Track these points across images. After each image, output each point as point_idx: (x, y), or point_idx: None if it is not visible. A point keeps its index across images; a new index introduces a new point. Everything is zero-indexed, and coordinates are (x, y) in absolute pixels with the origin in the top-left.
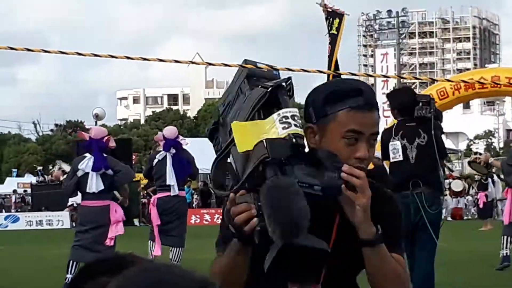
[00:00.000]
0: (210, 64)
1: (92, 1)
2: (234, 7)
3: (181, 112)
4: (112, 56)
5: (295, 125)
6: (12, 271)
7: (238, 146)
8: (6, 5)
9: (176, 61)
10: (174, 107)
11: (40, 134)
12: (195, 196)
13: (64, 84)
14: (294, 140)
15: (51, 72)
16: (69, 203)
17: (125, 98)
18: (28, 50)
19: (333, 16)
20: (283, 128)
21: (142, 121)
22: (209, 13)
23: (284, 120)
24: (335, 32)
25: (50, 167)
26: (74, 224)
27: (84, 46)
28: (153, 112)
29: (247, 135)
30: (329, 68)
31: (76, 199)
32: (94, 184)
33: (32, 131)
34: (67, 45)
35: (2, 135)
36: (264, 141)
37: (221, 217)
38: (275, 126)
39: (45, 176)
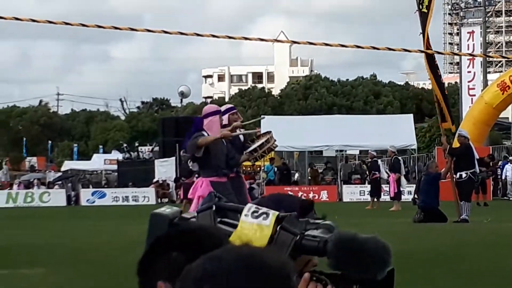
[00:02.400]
0: (294, 42)
1: None
2: None
3: (266, 90)
4: (198, 34)
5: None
6: (100, 245)
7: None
8: None
9: (261, 39)
10: (259, 85)
11: (127, 111)
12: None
13: (153, 61)
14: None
15: (142, 50)
16: (155, 180)
17: (210, 76)
18: (116, 28)
19: None
20: (264, 219)
21: (227, 99)
22: None
23: (255, 214)
24: (426, 11)
25: (136, 144)
26: (160, 200)
27: (176, 25)
28: (239, 89)
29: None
30: (424, 47)
31: (162, 176)
32: None
33: (119, 108)
34: (159, 24)
35: (90, 112)
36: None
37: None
38: (254, 224)
39: (131, 153)
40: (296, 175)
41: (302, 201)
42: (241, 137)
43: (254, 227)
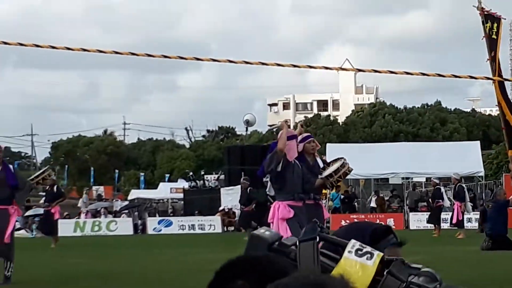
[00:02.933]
0: (359, 70)
1: (251, 10)
2: (393, 13)
3: (331, 118)
4: (263, 63)
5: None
6: (166, 273)
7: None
8: (171, 17)
9: (326, 68)
10: (324, 113)
11: (193, 140)
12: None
13: (218, 90)
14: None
15: (208, 78)
16: (221, 208)
17: (275, 104)
18: (181, 58)
19: (491, 20)
20: (367, 259)
21: (292, 127)
22: (367, 20)
23: (359, 252)
24: (495, 37)
25: (202, 173)
26: (225, 229)
27: (242, 53)
28: (305, 117)
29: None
30: (493, 74)
31: (228, 204)
32: None
33: (184, 137)
34: (226, 52)
35: (156, 141)
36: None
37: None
38: (357, 262)
39: (197, 182)
40: (364, 202)
41: (381, 227)
42: (320, 163)
43: (356, 265)
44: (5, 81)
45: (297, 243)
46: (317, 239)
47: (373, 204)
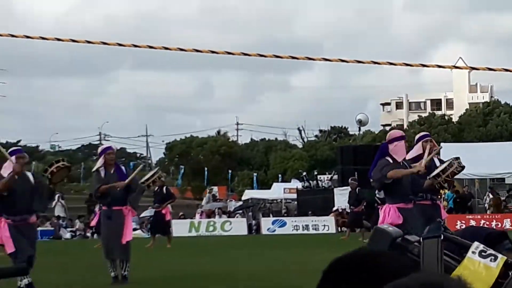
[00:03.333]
0: (473, 68)
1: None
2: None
3: (446, 117)
4: (375, 62)
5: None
6: (281, 273)
7: None
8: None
9: (439, 66)
10: (438, 112)
11: (305, 140)
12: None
13: (331, 90)
14: None
15: (321, 78)
16: (334, 208)
17: (388, 104)
18: (293, 58)
19: None
20: (491, 260)
21: (405, 127)
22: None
23: (483, 254)
24: None
25: (315, 173)
26: (339, 229)
27: (355, 52)
28: (419, 116)
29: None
30: None
31: (342, 204)
32: None
33: (297, 137)
34: (339, 51)
35: (269, 141)
36: None
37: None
38: (481, 263)
39: (310, 182)
40: (479, 202)
41: (495, 232)
42: (437, 162)
43: (480, 265)
44: (121, 82)
45: (421, 240)
46: (441, 238)
47: (488, 204)
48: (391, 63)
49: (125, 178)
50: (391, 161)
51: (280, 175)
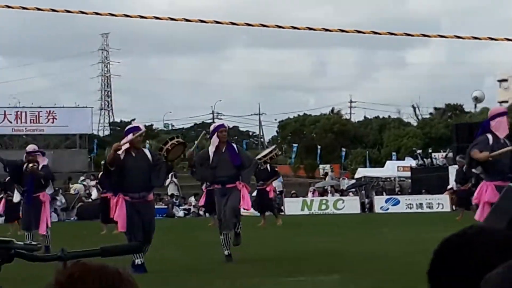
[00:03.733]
0: None
1: None
2: None
3: None
4: (492, 39)
5: None
6: (393, 253)
7: None
8: None
9: None
10: None
11: (420, 117)
12: None
13: (447, 66)
14: None
15: (437, 55)
16: (449, 186)
17: (505, 80)
18: (408, 35)
19: None
20: None
21: None
22: None
23: None
24: None
25: (429, 151)
26: (454, 208)
27: (472, 28)
28: None
29: None
30: None
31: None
32: None
33: (411, 114)
34: (455, 28)
35: (382, 119)
36: None
37: None
38: None
39: (425, 160)
40: None
41: None
42: None
43: None
44: (236, 61)
45: None
46: None
47: None
48: (508, 39)
49: (237, 157)
50: (490, 138)
51: (393, 153)
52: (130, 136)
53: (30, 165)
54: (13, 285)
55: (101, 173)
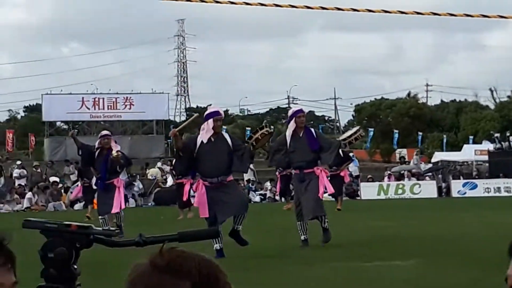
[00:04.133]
0: None
1: None
2: None
3: None
4: None
5: None
6: (470, 237)
7: None
8: None
9: None
10: None
11: (497, 100)
12: None
13: None
14: None
15: None
16: None
17: None
18: (484, 16)
19: None
20: None
21: None
22: None
23: None
24: None
25: (507, 134)
26: None
27: None
28: None
29: None
30: None
31: None
32: None
33: (488, 97)
34: None
35: (459, 102)
36: None
37: None
38: None
39: (503, 143)
40: None
41: None
42: None
43: None
44: (312, 45)
45: None
46: None
47: None
48: None
49: (315, 142)
50: None
51: (470, 137)
52: (210, 121)
53: (115, 154)
54: (91, 270)
55: (175, 159)
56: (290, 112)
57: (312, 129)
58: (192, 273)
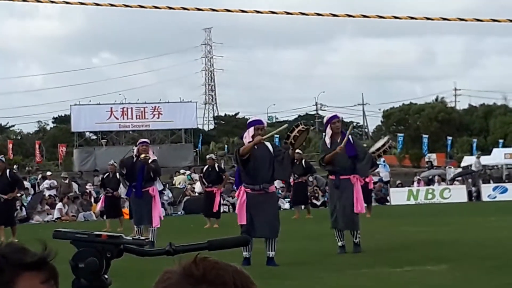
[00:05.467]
0: None
1: None
2: None
3: None
4: None
5: None
6: (503, 241)
7: None
8: None
9: None
10: None
11: None
12: None
13: None
14: None
15: None
16: None
17: None
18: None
19: None
20: None
21: None
22: None
23: None
24: None
25: None
26: None
27: None
28: None
29: None
30: None
31: None
32: None
33: None
34: None
35: (487, 106)
36: None
37: None
38: None
39: None
40: None
41: None
42: None
43: None
44: (342, 51)
45: None
46: None
47: None
48: None
49: (352, 148)
50: None
51: (500, 140)
52: (251, 130)
53: (142, 156)
54: (121, 279)
55: (206, 166)
56: (325, 119)
57: (350, 136)
58: (227, 284)
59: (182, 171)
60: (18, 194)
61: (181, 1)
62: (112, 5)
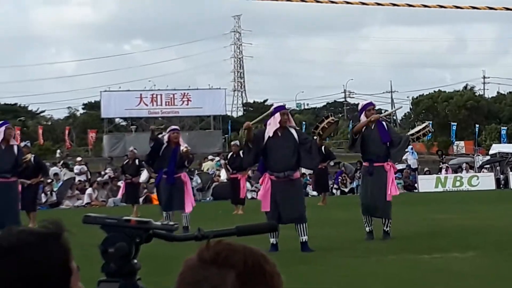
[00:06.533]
0: None
1: None
2: None
3: None
4: None
5: None
6: None
7: None
8: None
9: None
10: None
11: None
12: None
13: None
14: None
15: None
16: None
17: None
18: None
19: None
20: None
21: None
22: None
23: None
24: None
25: None
26: None
27: None
28: None
29: None
30: None
31: None
32: None
33: None
34: None
35: None
36: None
37: None
38: None
39: None
40: None
41: None
42: None
43: None
44: (373, 39)
45: None
46: None
47: None
48: None
49: (386, 134)
50: None
51: None
52: (277, 116)
53: (185, 149)
54: (150, 264)
55: (230, 153)
56: (360, 106)
57: (384, 122)
58: (237, 263)
59: (210, 157)
60: (42, 179)
61: None
62: None
